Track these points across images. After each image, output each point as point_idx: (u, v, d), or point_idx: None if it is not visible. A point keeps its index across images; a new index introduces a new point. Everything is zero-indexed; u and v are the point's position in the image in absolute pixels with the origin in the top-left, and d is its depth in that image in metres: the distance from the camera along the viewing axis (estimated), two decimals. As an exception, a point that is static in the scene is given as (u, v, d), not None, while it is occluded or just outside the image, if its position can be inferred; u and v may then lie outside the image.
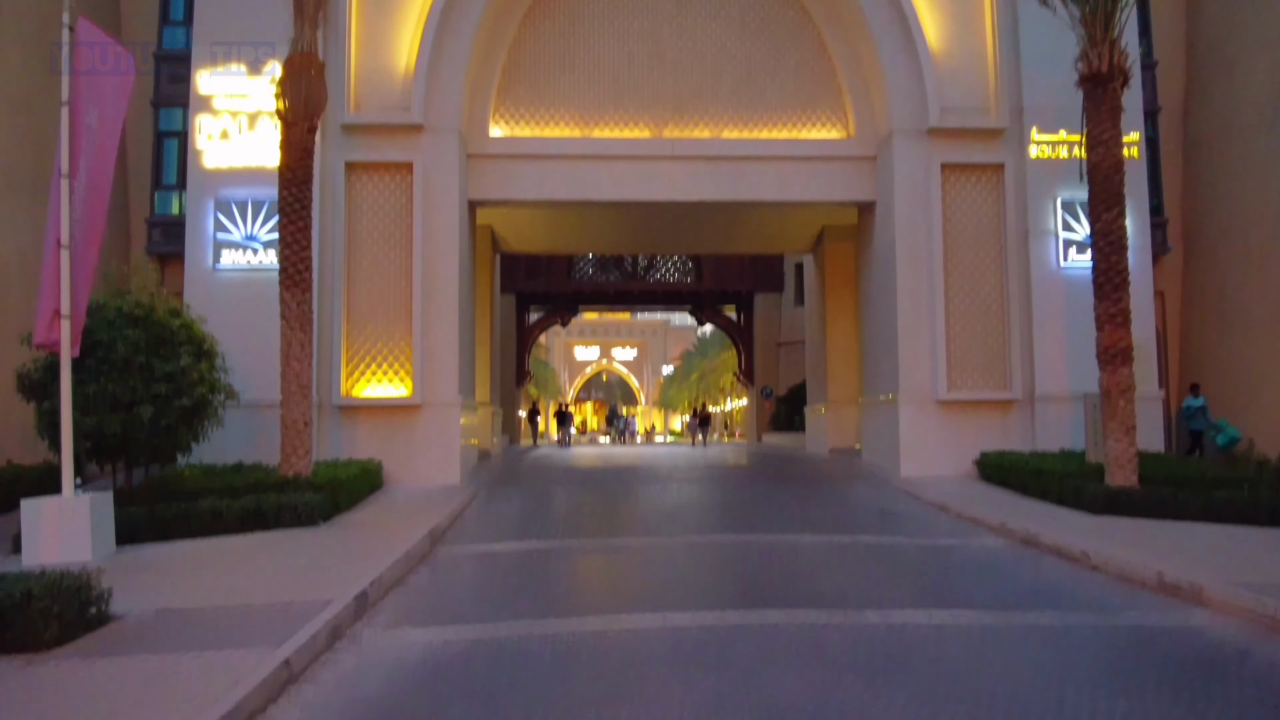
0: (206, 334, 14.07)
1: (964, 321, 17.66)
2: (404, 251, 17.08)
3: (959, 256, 17.75)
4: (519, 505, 14.87)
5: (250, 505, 12.37)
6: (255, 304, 16.15)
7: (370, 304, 16.98)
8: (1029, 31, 17.57)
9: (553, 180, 18.41)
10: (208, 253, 16.91)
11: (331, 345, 16.76)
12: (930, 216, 17.53)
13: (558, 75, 18.68)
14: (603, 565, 10.30)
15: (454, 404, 17.01)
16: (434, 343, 17.00)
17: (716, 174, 18.54)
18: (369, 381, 16.92)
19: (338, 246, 16.85)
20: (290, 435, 13.70)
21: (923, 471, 17.22)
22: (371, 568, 9.08)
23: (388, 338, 16.97)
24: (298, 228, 13.89)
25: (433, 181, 17.15)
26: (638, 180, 18.48)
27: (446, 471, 16.79)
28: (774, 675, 6.05)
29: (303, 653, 6.27)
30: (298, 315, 13.84)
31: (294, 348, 13.81)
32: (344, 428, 16.82)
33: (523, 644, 6.89)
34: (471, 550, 11.16)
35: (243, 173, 16.89)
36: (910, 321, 17.59)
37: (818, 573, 9.58)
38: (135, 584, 8.64)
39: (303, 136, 13.88)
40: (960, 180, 17.88)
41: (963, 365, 17.61)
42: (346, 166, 17.04)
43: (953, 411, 17.52)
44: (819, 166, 18.79)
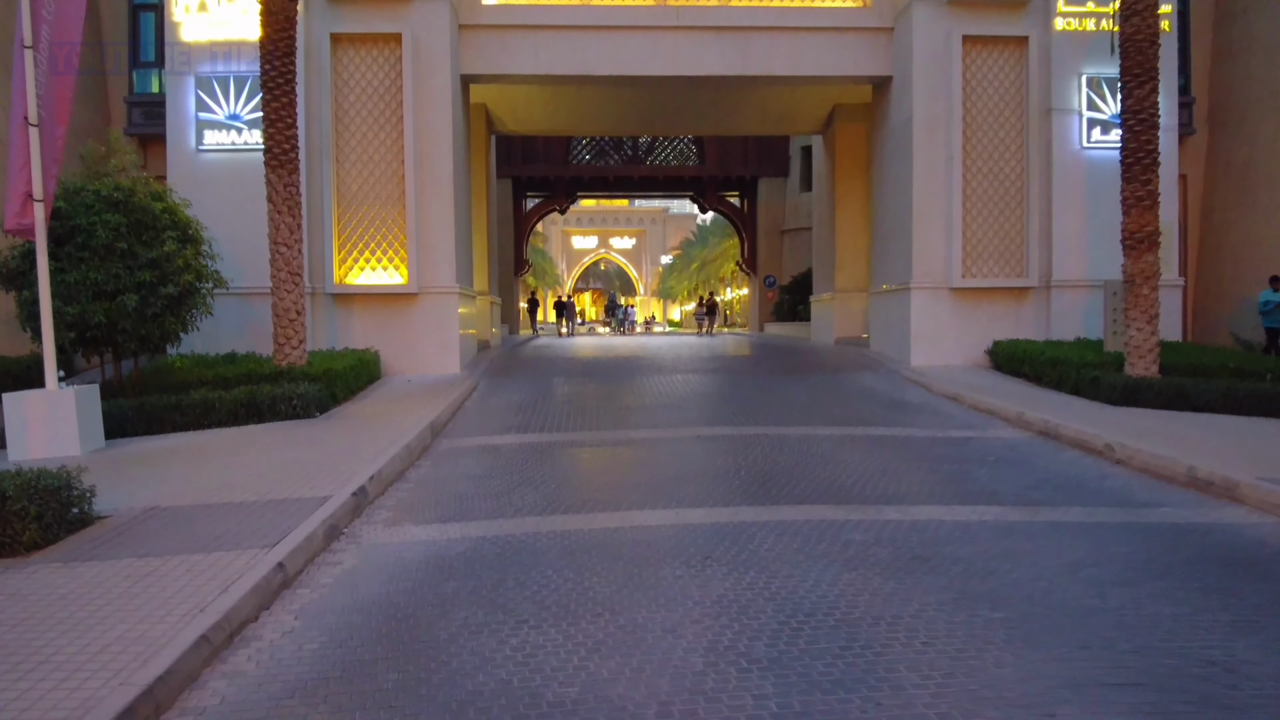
0: (191, 219, 13.43)
1: (981, 205, 16.96)
2: (395, 130, 16.24)
3: (979, 136, 16.91)
4: (521, 396, 14.50)
5: (243, 397, 11.98)
6: (242, 186, 15.51)
7: (361, 186, 16.24)
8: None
9: (549, 53, 17.40)
10: (190, 133, 16.07)
11: (323, 230, 16.11)
12: (950, 92, 16.63)
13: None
14: (610, 459, 9.96)
15: (451, 292, 16.47)
16: (429, 228, 16.34)
17: (723, 46, 17.51)
18: (363, 268, 16.33)
19: (325, 125, 16.00)
20: (282, 324, 13.21)
21: (933, 361, 16.82)
22: (370, 462, 8.73)
23: (381, 222, 16.29)
24: (281, 104, 13.07)
25: (423, 54, 16.18)
26: (640, 53, 17.47)
27: (445, 362, 16.37)
28: (796, 574, 5.72)
29: (298, 554, 5.92)
30: (284, 197, 13.16)
31: (282, 232, 13.18)
32: (339, 317, 16.32)
33: (530, 542, 6.56)
34: (473, 443, 10.81)
35: (223, 47, 15.90)
36: (926, 205, 16.89)
37: (833, 467, 9.23)
38: (122, 481, 8.29)
39: (284, 4, 12.92)
40: (981, 54, 16.90)
41: (978, 251, 17.00)
42: (332, 39, 16.04)
43: (966, 299, 17.00)
44: (832, 39, 17.74)
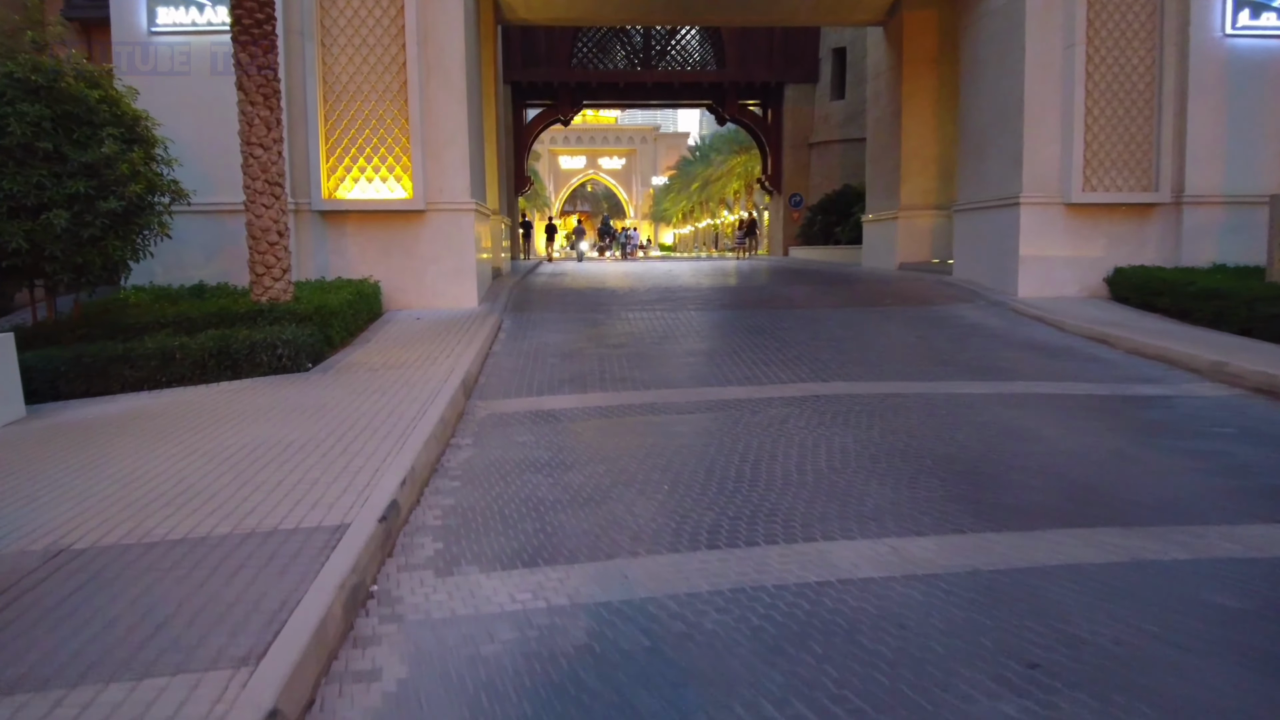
0: (141, 112, 10.40)
1: (1104, 104, 14.05)
2: (393, 4, 13.08)
3: (1101, 19, 13.90)
4: (559, 337, 11.73)
5: (213, 344, 9.16)
6: (207, 79, 12.53)
7: (353, 76, 13.13)
8: None
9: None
10: (140, 10, 12.87)
11: (305, 131, 13.08)
12: (1075, -40, 13.60)
13: None
14: (717, 435, 7.19)
15: (466, 208, 13.52)
16: (437, 129, 13.31)
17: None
18: (357, 179, 13.33)
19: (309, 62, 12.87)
20: (261, 248, 10.31)
21: (1043, 291, 14.12)
22: (394, 449, 6.00)
23: (378, 122, 13.23)
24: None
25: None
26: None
27: (460, 293, 13.52)
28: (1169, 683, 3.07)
29: (301, 678, 3.20)
30: (259, 83, 10.13)
31: (257, 128, 10.18)
32: (330, 240, 13.38)
33: (689, 608, 3.86)
34: (521, 407, 8.09)
35: (175, -104, 12.63)
36: (1039, 102, 13.97)
37: (1040, 450, 6.58)
38: (28, 483, 5.52)
39: None
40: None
41: (1099, 159, 14.14)
42: (312, -109, 12.79)
43: (1084, 217, 14.22)
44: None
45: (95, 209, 9.40)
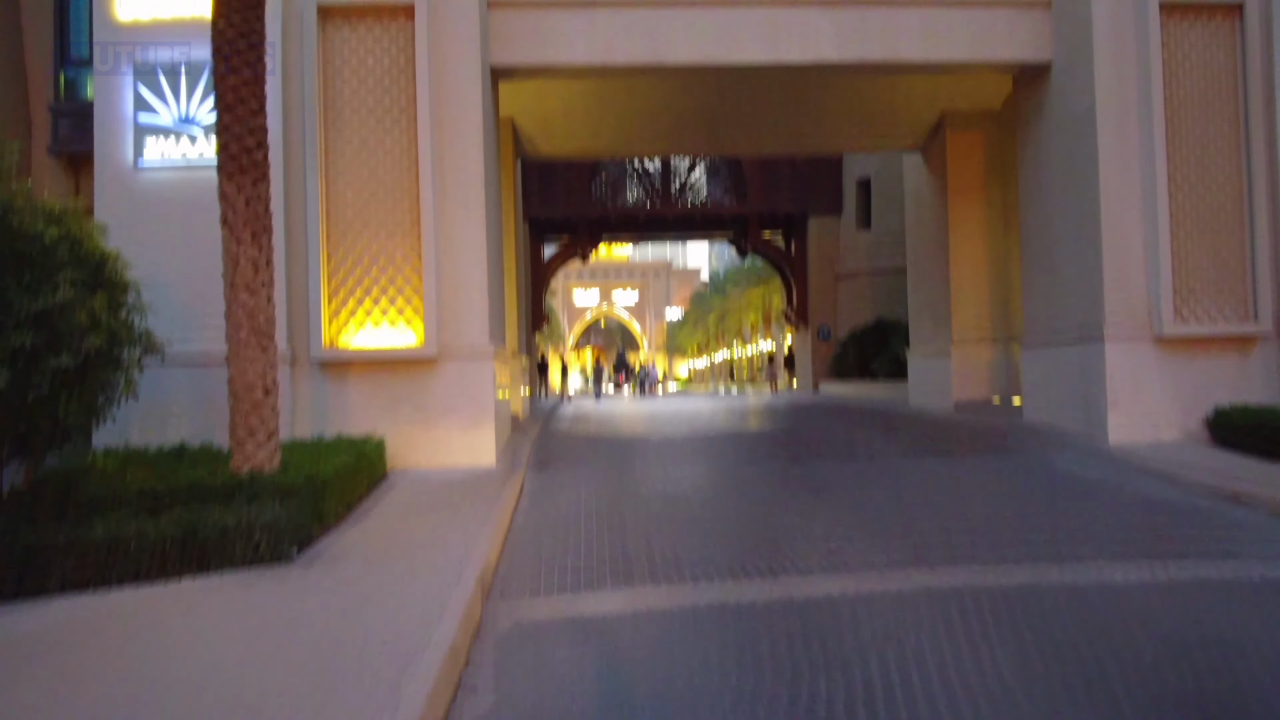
0: (111, 252, 9.03)
1: (1191, 225, 12.67)
2: (405, 133, 11.94)
3: (1183, 134, 12.67)
4: (593, 499, 10.02)
5: (176, 529, 7.48)
6: (197, 215, 11.21)
7: (361, 208, 11.87)
8: None
9: (608, 36, 13.16)
10: (125, 143, 11.78)
11: (306, 270, 11.73)
12: (1146, 74, 12.43)
13: (612, -113, 13.35)
14: (823, 657, 5.38)
15: (485, 354, 12.03)
16: (454, 267, 11.98)
17: (838, 24, 13.31)
18: (363, 323, 11.90)
19: (309, 125, 11.70)
20: (244, 408, 8.74)
21: (1136, 435, 12.38)
22: (379, 713, 4.19)
23: (387, 260, 11.91)
24: (243, 79, 8.75)
25: (443, 32, 11.97)
26: (727, 34, 13.25)
27: (477, 448, 11.87)
28: None
29: None
30: (247, 218, 8.78)
31: (243, 270, 8.77)
32: (330, 392, 11.84)
33: None
34: (553, 614, 6.34)
35: (173, 26, 11.69)
36: (1119, 225, 12.59)
37: None
38: None
39: (244, -69, 8.68)
40: (1180, 27, 12.73)
41: (1190, 286, 12.66)
42: (320, 14, 11.81)
43: (1178, 351, 12.62)
44: (969, 16, 13.54)
45: (44, 366, 7.90)
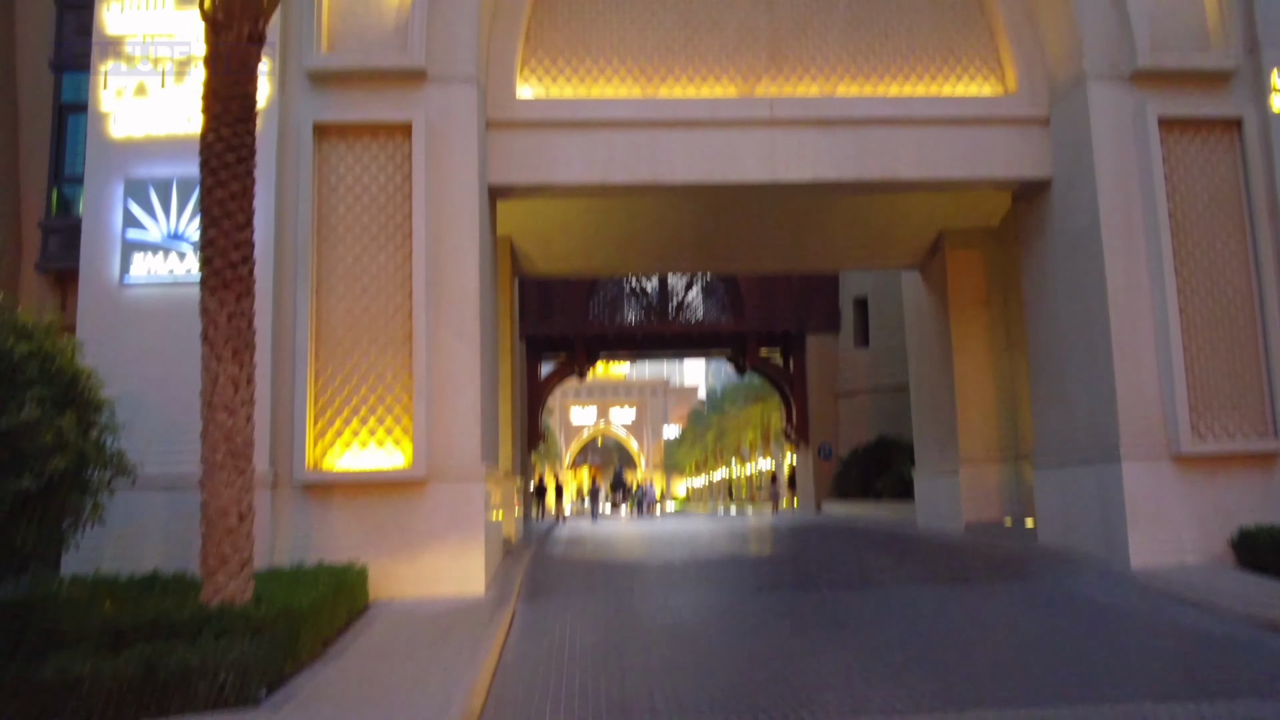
0: (84, 370, 8.63)
1: (1204, 339, 12.39)
2: (399, 250, 11.71)
3: (1189, 246, 12.52)
4: (589, 634, 9.34)
5: (134, 667, 6.84)
6: (181, 332, 10.80)
7: (350, 324, 11.54)
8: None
9: (606, 156, 13.11)
10: (112, 259, 11.54)
11: (293, 388, 11.31)
12: (1150, 190, 12.35)
13: (608, 13, 13.54)
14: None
15: (475, 477, 11.50)
16: (446, 385, 11.56)
17: (835, 144, 13.29)
18: (349, 444, 11.42)
19: (302, 241, 11.47)
20: (215, 536, 8.19)
21: (1159, 558, 11.78)
22: None
23: (377, 377, 11.51)
24: (230, 193, 8.53)
25: (441, 150, 11.89)
26: (725, 154, 13.21)
27: (466, 577, 11.20)
28: None
29: None
30: (229, 334, 8.42)
31: (222, 388, 8.36)
32: (313, 516, 11.25)
33: None
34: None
35: (166, 144, 11.60)
36: (1130, 341, 12.29)
37: None
38: None
39: (242, 49, 8.59)
40: (1181, 141, 12.74)
41: (1206, 401, 12.28)
42: (317, 131, 11.74)
43: (1197, 470, 12.13)
44: (967, 134, 13.54)
45: (3, 489, 7.38)
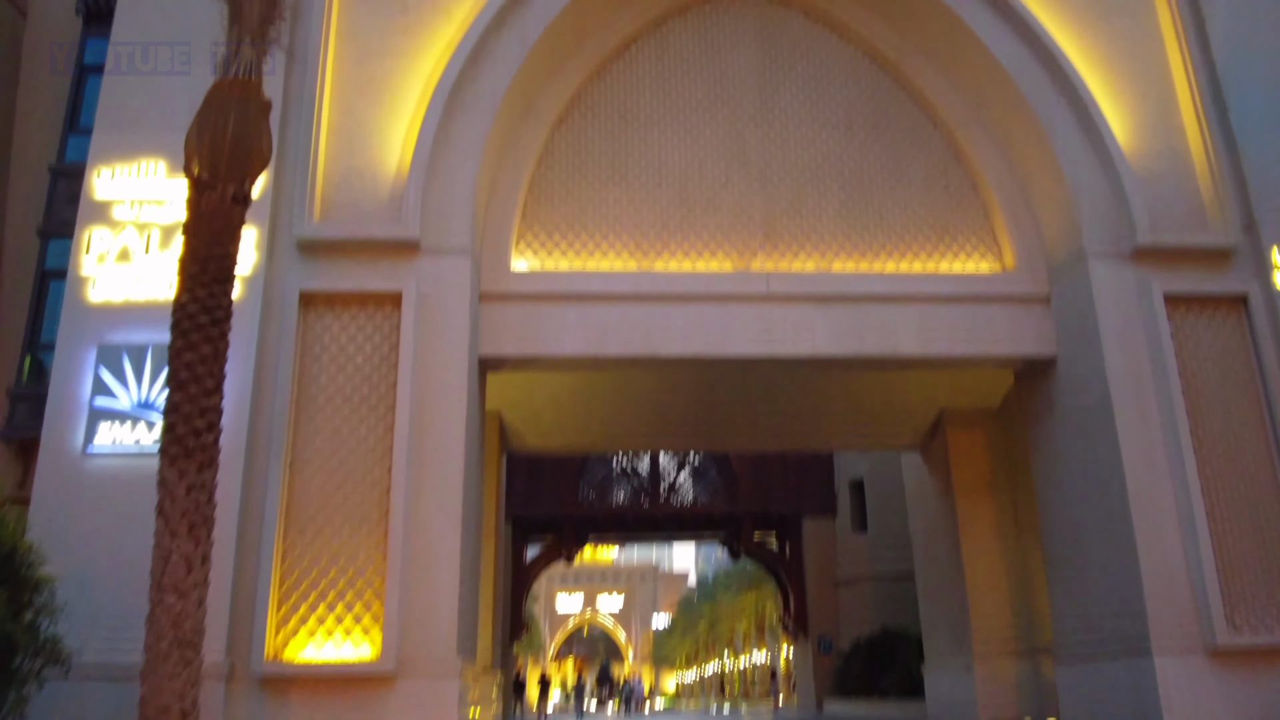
0: (24, 544, 7.90)
1: (1231, 519, 11.73)
2: (381, 422, 11.14)
3: (1206, 424, 12.06)
4: None
5: None
6: (143, 506, 10.00)
7: (323, 501, 10.80)
8: (1246, 116, 12.92)
9: (599, 329, 12.77)
10: (77, 426, 10.94)
11: (258, 570, 10.43)
12: (1161, 367, 12.00)
13: (605, 188, 13.58)
14: None
15: (451, 672, 10.43)
16: (423, 571, 10.68)
17: (833, 320, 13.02)
18: (313, 633, 10.43)
19: (279, 411, 10.89)
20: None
21: (1205, 765, 10.66)
22: None
23: (348, 560, 10.66)
24: (200, 356, 8.06)
25: (431, 321, 11.53)
26: (722, 328, 12.90)
27: (435, 788, 9.99)
28: None
29: None
30: (186, 507, 7.73)
31: (174, 568, 7.60)
32: (269, 713, 10.11)
33: None
34: None
35: (144, 309, 11.23)
36: (1152, 524, 11.60)
37: None
38: None
39: (225, 209, 8.33)
40: (1188, 318, 12.53)
41: (1239, 589, 11.48)
42: (302, 299, 11.41)
43: (1237, 664, 11.17)
44: (967, 311, 13.32)
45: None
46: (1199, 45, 13.19)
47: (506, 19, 12.84)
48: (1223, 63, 13.03)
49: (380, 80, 12.45)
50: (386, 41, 12.63)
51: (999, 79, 13.33)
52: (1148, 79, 13.15)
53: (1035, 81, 13.09)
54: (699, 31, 14.49)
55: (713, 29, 14.52)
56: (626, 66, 14.20)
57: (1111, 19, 13.29)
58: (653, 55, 14.30)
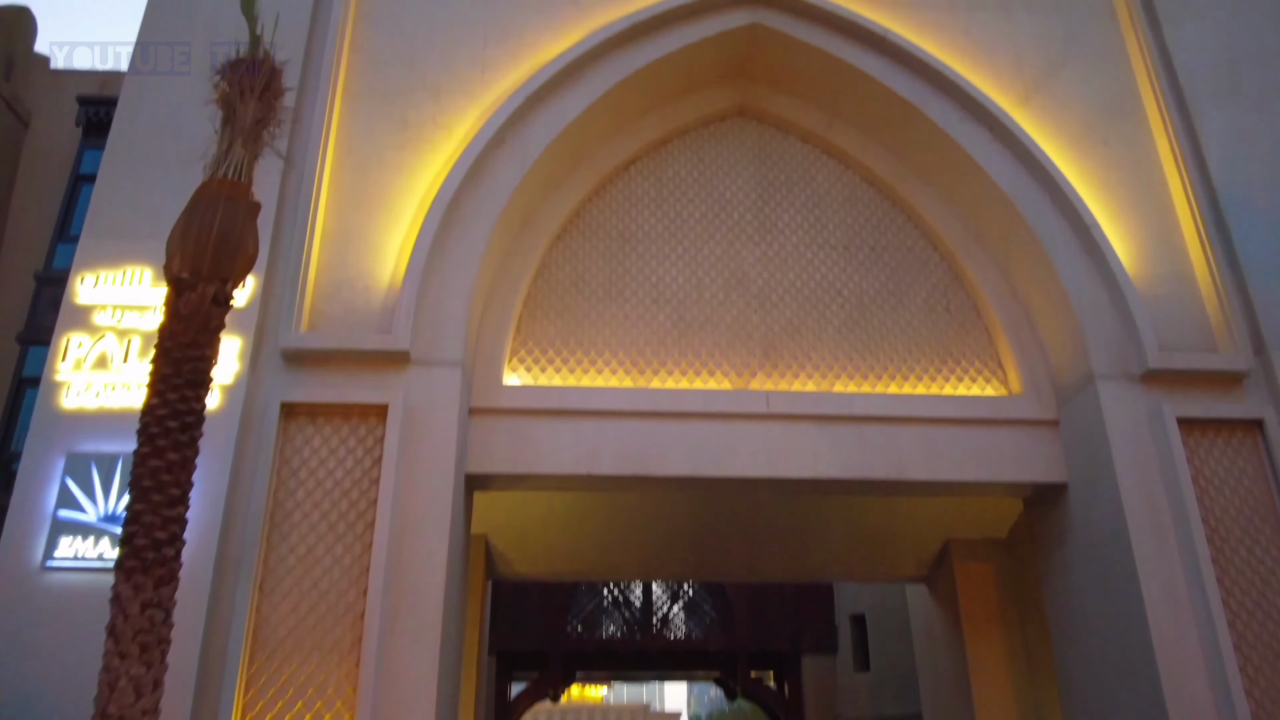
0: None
1: (1261, 653, 11.00)
2: (359, 541, 10.49)
3: (1228, 553, 11.48)
4: None
5: None
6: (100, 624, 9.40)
7: (293, 626, 10.05)
8: (1248, 240, 12.86)
9: (592, 447, 12.25)
10: (38, 537, 10.24)
11: (218, 699, 9.62)
12: (1178, 494, 11.46)
13: (601, 305, 13.34)
14: None
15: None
16: (395, 707, 9.85)
17: (836, 441, 12.57)
18: (274, 771, 9.56)
19: (252, 526, 10.27)
20: None
21: None
22: None
23: (316, 690, 9.83)
24: (167, 463, 7.56)
25: (417, 435, 11.03)
26: (719, 448, 12.41)
27: None
28: None
29: None
30: (140, 627, 7.11)
31: (120, 694, 6.94)
32: None
33: None
34: None
35: (119, 417, 10.67)
36: (1176, 660, 10.84)
37: None
38: None
39: (204, 310, 7.99)
40: (1203, 443, 12.09)
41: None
42: (284, 410, 10.94)
43: (1282, 819, 10.30)
44: (974, 435, 12.88)
45: None
46: (1197, 169, 13.22)
47: (507, 137, 12.88)
48: (1222, 187, 13.03)
49: (377, 192, 12.35)
50: (385, 155, 12.60)
51: (998, 202, 13.31)
52: (1148, 203, 13.13)
53: (1035, 205, 13.05)
54: (698, 154, 14.61)
55: (711, 152, 14.64)
56: (625, 186, 14.22)
57: (1110, 144, 13.37)
58: (652, 176, 14.35)
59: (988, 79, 13.75)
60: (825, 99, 14.51)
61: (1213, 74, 13.84)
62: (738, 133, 14.79)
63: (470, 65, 13.26)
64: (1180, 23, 14.19)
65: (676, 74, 14.13)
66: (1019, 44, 14.05)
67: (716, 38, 14.04)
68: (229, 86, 8.48)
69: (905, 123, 13.90)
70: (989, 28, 14.16)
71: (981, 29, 14.14)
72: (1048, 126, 13.49)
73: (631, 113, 14.09)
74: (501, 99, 12.98)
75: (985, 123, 13.46)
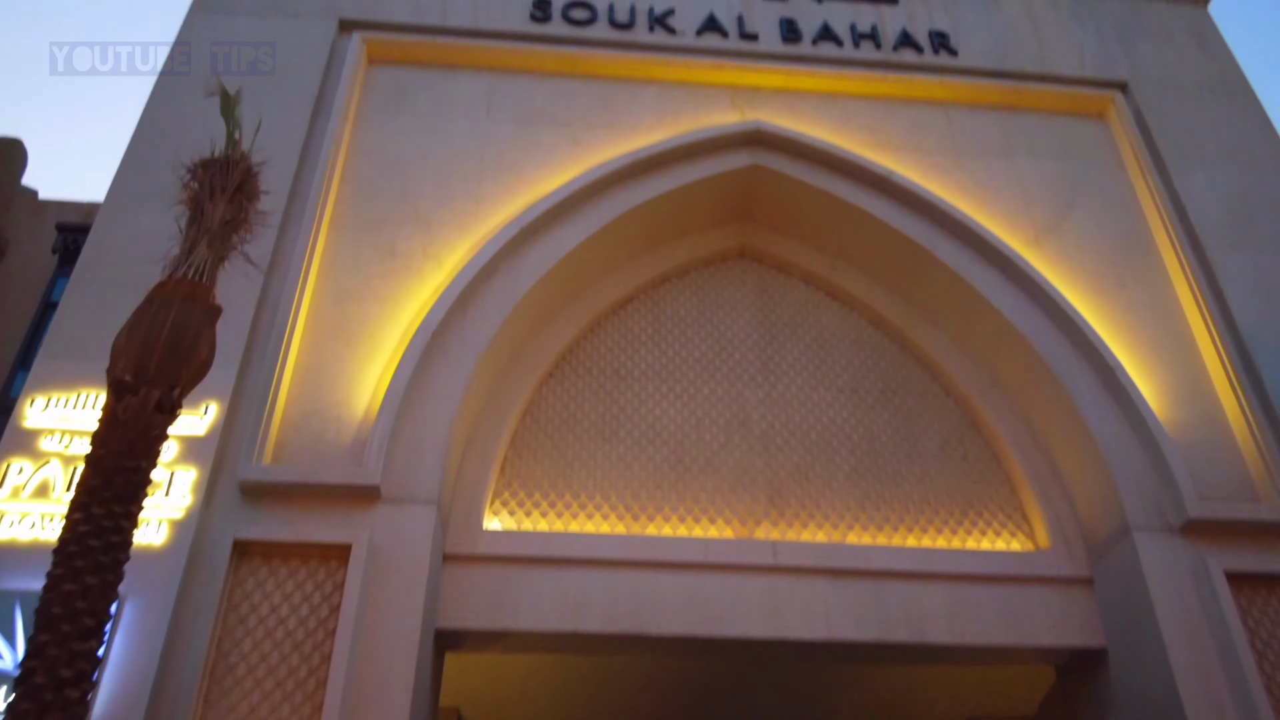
0: None
1: None
2: (308, 702, 9.13)
3: None
4: None
5: None
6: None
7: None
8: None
9: (579, 600, 11.00)
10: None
11: None
12: (1233, 654, 10.18)
13: (594, 445, 12.40)
14: None
15: None
16: None
17: (850, 598, 11.36)
18: None
19: (187, 685, 8.91)
20: None
21: None
22: None
23: None
24: (82, 587, 6.40)
25: (382, 580, 9.84)
26: (719, 602, 11.20)
27: None
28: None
29: None
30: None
31: None
32: None
33: None
34: None
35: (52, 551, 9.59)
36: None
37: None
38: None
39: (145, 417, 7.05)
40: (1254, 600, 10.91)
41: None
42: (236, 548, 9.79)
43: None
44: (1001, 594, 11.68)
45: None
46: (1220, 311, 12.64)
47: (498, 268, 12.34)
48: (1247, 330, 12.42)
49: (358, 321, 11.66)
50: (370, 284, 12.00)
51: (1015, 344, 12.65)
52: (1172, 345, 12.49)
53: (1054, 347, 12.38)
54: (697, 293, 14.09)
55: (711, 291, 14.13)
56: (622, 323, 13.61)
57: (1127, 287, 12.88)
58: (649, 314, 13.77)
59: (996, 221, 13.41)
60: (829, 240, 14.14)
61: (1227, 219, 13.53)
62: (739, 273, 14.35)
63: (465, 198, 12.88)
64: (1190, 173, 14.01)
65: (676, 213, 13.81)
66: (1025, 187, 13.82)
67: (717, 178, 13.83)
68: (198, 186, 7.89)
69: (913, 264, 13.46)
70: (994, 171, 13.97)
71: (987, 173, 13.94)
72: (1061, 269, 13.04)
73: (629, 250, 13.67)
74: (494, 231, 12.52)
75: (997, 264, 13.01)
